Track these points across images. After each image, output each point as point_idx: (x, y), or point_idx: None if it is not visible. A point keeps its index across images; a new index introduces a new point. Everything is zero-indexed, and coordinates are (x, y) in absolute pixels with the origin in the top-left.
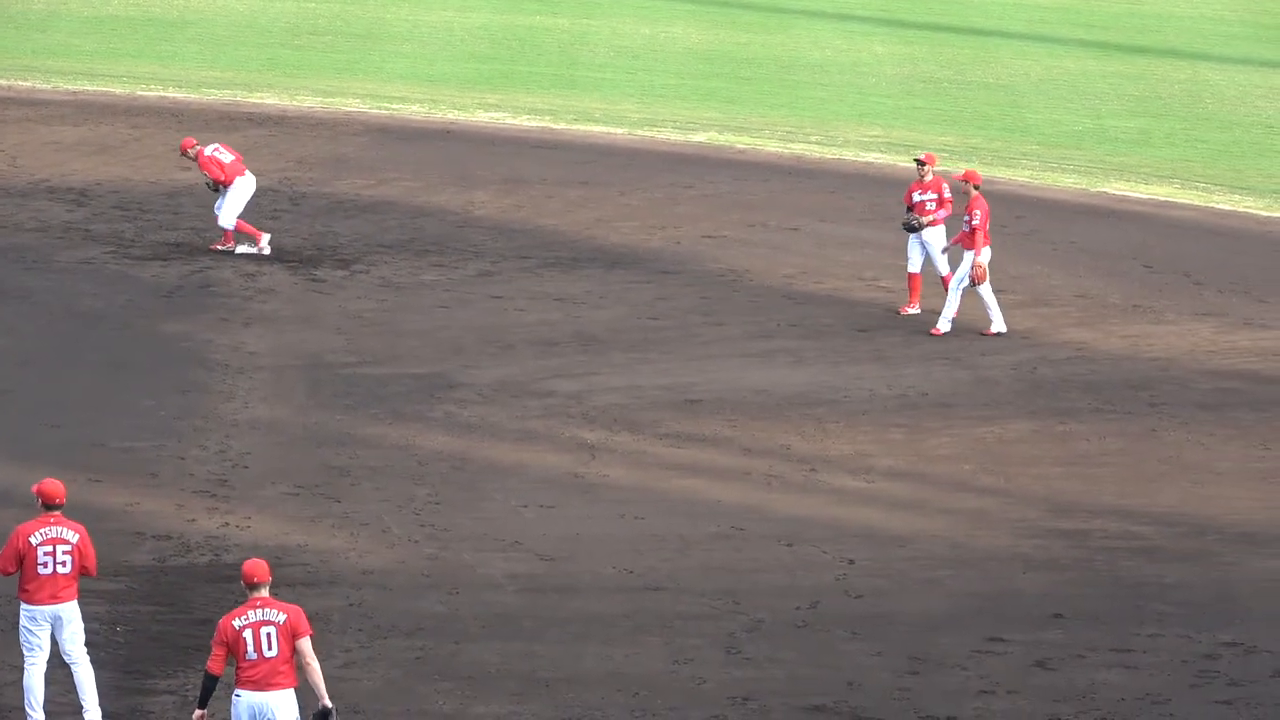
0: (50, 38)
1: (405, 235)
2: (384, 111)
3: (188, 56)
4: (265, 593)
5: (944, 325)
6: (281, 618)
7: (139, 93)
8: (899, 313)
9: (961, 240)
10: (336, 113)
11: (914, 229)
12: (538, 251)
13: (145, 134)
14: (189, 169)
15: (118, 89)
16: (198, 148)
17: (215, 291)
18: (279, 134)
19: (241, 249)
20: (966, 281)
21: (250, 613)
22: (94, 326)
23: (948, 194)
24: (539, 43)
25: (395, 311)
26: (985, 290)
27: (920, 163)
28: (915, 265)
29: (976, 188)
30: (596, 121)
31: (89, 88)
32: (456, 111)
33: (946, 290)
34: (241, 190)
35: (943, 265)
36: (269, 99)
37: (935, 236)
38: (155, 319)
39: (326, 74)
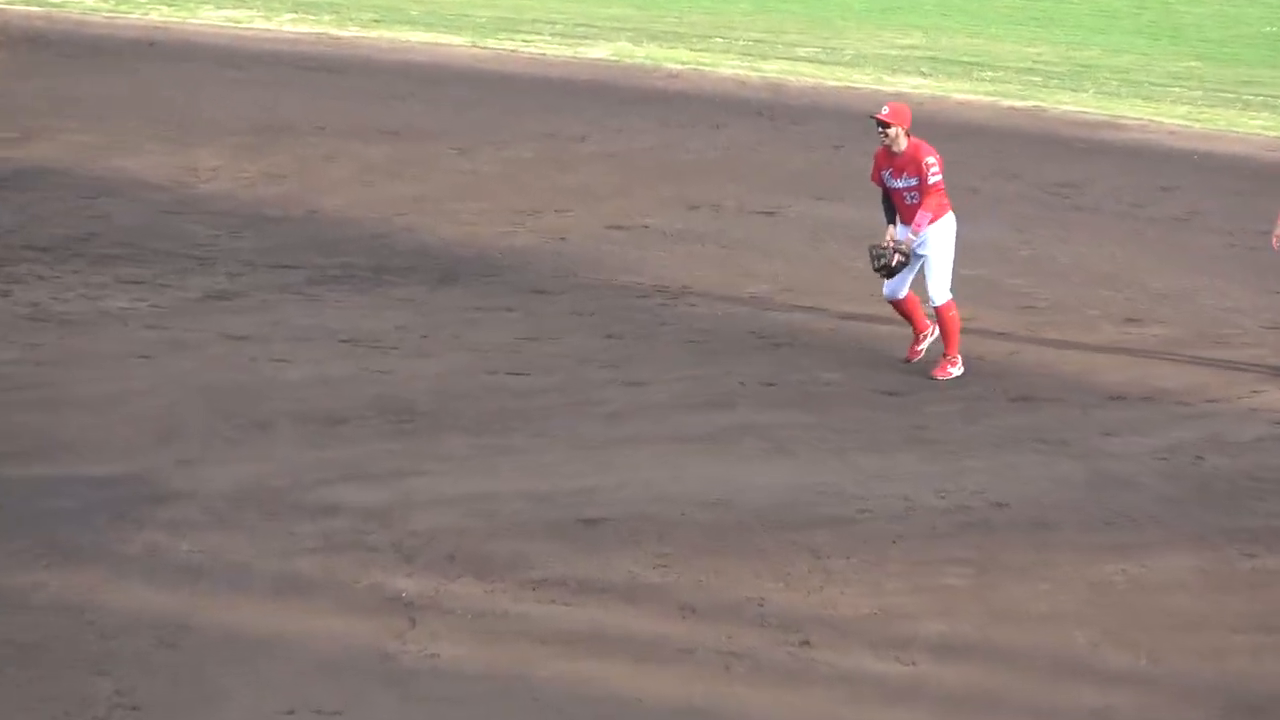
0: None
1: (75, 228)
2: (37, 9)
3: None
4: None
5: None
6: None
7: None
8: (907, 360)
9: None
10: None
11: (887, 268)
12: (310, 254)
13: None
14: None
15: None
16: None
17: None
18: None
19: None
20: None
21: None
22: None
23: (934, 172)
24: None
25: (58, 364)
26: None
27: (880, 124)
28: (898, 287)
29: None
30: (414, 25)
31: None
32: (167, 8)
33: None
34: None
35: (942, 288)
36: None
37: (937, 241)
38: None
39: None
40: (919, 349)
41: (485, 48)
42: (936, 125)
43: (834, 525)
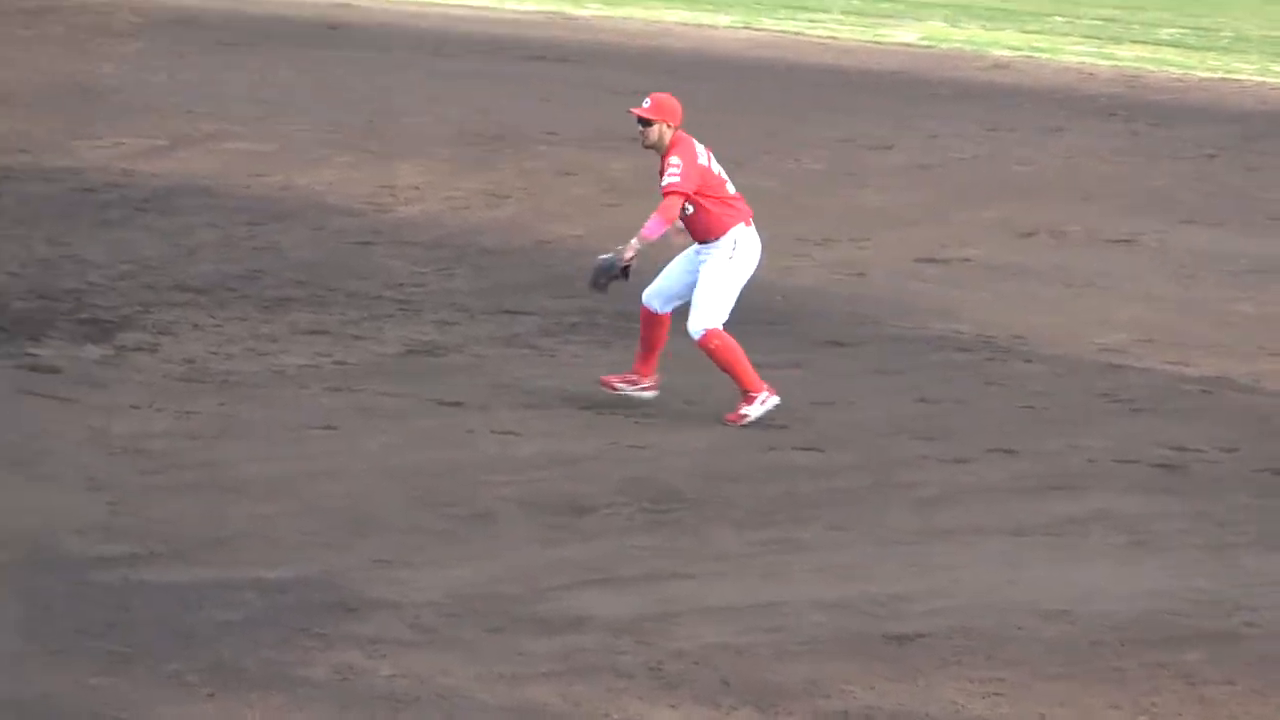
0: None
1: (239, 263)
2: None
3: None
4: None
5: None
6: None
7: None
8: (611, 387)
9: None
10: None
11: (606, 278)
12: (541, 297)
13: None
14: None
15: None
16: None
17: None
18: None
19: None
20: None
21: None
22: None
23: (672, 173)
24: None
25: (220, 438)
26: None
27: (641, 121)
28: (653, 291)
29: None
30: (670, 1)
31: None
32: None
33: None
34: None
35: (703, 316)
36: None
37: (713, 258)
38: None
39: None
40: (617, 385)
41: (761, 29)
42: None
43: (1212, 642)
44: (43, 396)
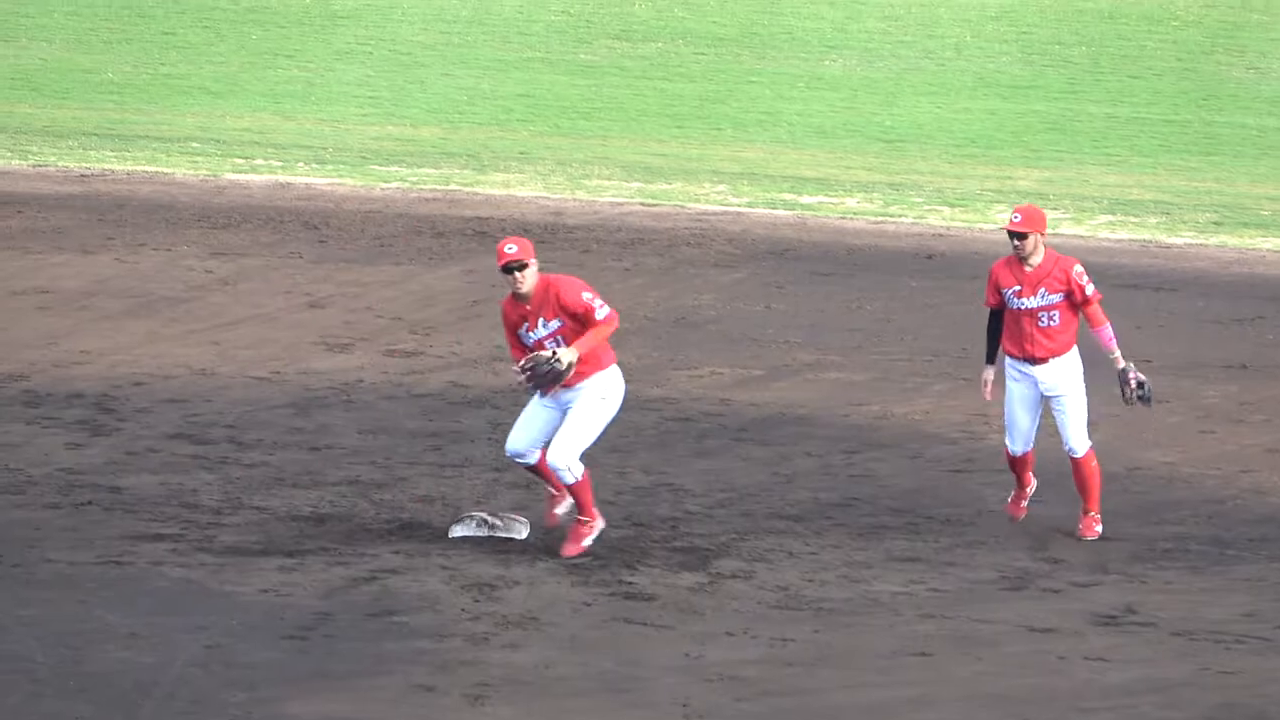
0: None
1: (834, 491)
2: (786, 213)
3: None
4: None
5: None
6: None
7: None
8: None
9: None
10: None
11: (1141, 396)
12: (1132, 522)
13: None
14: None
15: None
16: None
17: (406, 624)
18: None
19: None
20: None
21: None
22: None
23: (1089, 281)
24: None
25: (813, 665)
26: None
27: (1015, 235)
28: (1021, 439)
29: None
30: (1265, 229)
31: None
32: (950, 210)
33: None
34: None
35: (1085, 434)
36: None
37: (1071, 377)
38: (270, 709)
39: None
40: (1023, 507)
41: None
42: None
43: None
44: (638, 624)
